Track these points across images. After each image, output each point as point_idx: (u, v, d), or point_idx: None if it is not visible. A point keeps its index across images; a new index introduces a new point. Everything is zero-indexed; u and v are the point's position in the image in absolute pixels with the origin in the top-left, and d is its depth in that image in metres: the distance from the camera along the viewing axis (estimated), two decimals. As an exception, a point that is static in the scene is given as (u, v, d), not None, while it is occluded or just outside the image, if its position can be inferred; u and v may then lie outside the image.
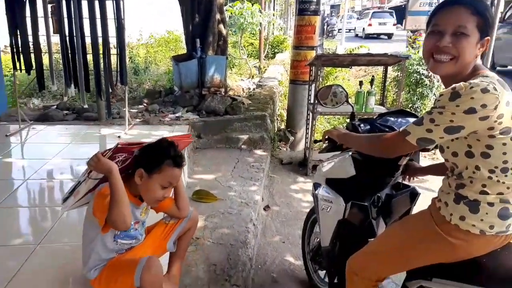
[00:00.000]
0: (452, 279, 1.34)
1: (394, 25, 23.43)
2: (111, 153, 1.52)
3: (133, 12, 11.69)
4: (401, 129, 1.34)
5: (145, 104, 5.12)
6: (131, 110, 4.96)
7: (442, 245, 1.32)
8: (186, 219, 1.84)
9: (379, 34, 23.34)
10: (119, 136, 3.98)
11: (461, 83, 1.18)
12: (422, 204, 1.62)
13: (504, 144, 1.21)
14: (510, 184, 1.24)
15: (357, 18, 29.76)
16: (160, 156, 1.55)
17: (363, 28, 24.24)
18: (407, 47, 8.14)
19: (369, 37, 23.06)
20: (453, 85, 1.20)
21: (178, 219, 1.83)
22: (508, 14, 7.81)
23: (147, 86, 7.37)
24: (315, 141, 2.03)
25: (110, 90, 4.06)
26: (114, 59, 4.20)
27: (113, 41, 4.02)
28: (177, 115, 4.63)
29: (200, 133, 4.33)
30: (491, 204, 1.25)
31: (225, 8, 8.96)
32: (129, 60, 9.38)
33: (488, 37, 1.28)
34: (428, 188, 3.76)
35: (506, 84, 1.23)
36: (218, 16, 5.28)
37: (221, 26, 5.36)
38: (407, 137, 1.28)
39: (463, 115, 1.17)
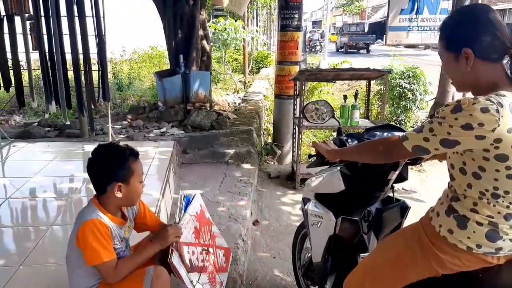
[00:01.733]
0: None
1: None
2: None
3: (115, 28, 11.66)
4: (400, 134, 1.33)
5: (129, 120, 5.06)
6: (115, 126, 4.89)
7: (430, 257, 1.31)
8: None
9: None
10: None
11: (467, 98, 1.17)
12: (412, 217, 1.62)
13: (497, 170, 1.18)
14: (501, 209, 1.22)
15: (337, 34, 30.93)
16: (124, 161, 1.56)
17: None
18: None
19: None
20: (460, 98, 1.20)
21: None
22: None
23: (131, 102, 7.30)
24: (309, 156, 2.02)
25: (92, 106, 3.99)
26: (96, 75, 4.15)
27: (95, 57, 3.97)
28: (162, 130, 4.59)
29: (186, 148, 4.29)
30: (479, 224, 1.23)
31: (208, 24, 9.06)
32: (112, 76, 9.32)
33: (466, 49, 1.23)
34: (417, 199, 3.81)
35: None
36: (201, 32, 5.31)
37: (205, 42, 5.38)
38: (404, 142, 1.27)
39: (460, 130, 1.15)
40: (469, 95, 1.29)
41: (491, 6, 1.33)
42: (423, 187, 4.11)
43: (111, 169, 1.54)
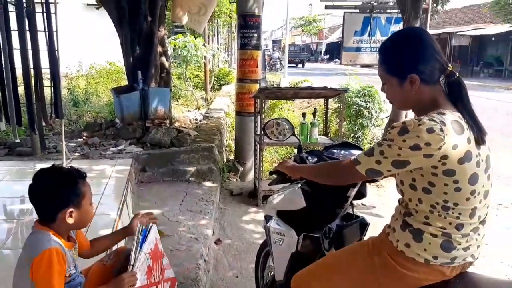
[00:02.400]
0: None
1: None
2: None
3: (71, 42, 11.34)
4: (352, 158, 1.36)
5: (84, 137, 4.86)
6: (69, 143, 4.68)
7: (387, 271, 1.33)
8: None
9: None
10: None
11: (412, 120, 1.23)
12: (372, 233, 1.65)
13: (446, 184, 1.23)
14: (452, 220, 1.26)
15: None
16: (74, 184, 1.49)
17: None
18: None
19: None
20: (405, 120, 1.25)
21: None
22: None
23: (88, 118, 7.05)
24: (271, 173, 2.03)
25: (44, 124, 3.81)
26: (48, 91, 3.97)
27: (47, 72, 3.81)
28: (119, 148, 4.44)
29: (145, 166, 4.17)
30: (434, 235, 1.27)
31: (168, 41, 9.01)
32: (67, 92, 8.99)
33: (413, 75, 1.29)
34: (376, 214, 3.90)
35: (464, 127, 1.23)
36: (160, 49, 5.26)
37: (164, 58, 5.33)
38: (357, 166, 1.31)
39: (409, 151, 1.20)
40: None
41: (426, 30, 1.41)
42: (381, 202, 4.23)
43: (61, 194, 1.45)
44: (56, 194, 1.45)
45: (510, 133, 8.33)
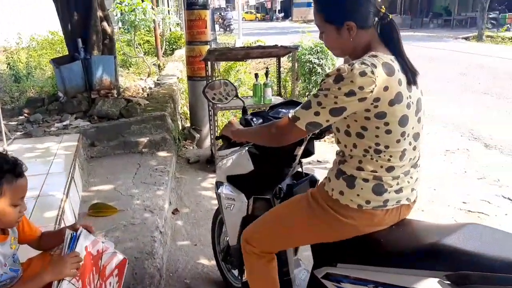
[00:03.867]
0: (354, 263, 1.37)
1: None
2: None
3: (8, 14, 10.42)
4: (290, 115, 1.32)
5: (25, 115, 4.54)
6: (10, 123, 4.36)
7: (327, 220, 1.37)
8: None
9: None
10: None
11: (345, 65, 1.22)
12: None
13: (377, 127, 1.25)
14: (383, 163, 1.30)
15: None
16: None
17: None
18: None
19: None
20: (338, 66, 1.24)
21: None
22: None
23: (32, 94, 6.58)
24: (217, 138, 1.97)
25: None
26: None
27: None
28: (64, 123, 4.18)
29: (93, 140, 3.96)
30: (365, 180, 1.31)
31: (113, 5, 8.44)
32: (7, 67, 8.33)
33: (349, 22, 1.28)
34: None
35: (394, 68, 1.25)
36: (100, 13, 4.86)
37: (105, 24, 4.95)
38: (296, 122, 1.29)
39: (344, 98, 1.20)
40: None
41: None
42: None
43: None
44: None
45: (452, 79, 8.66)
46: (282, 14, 43.46)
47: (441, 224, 1.40)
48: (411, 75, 1.28)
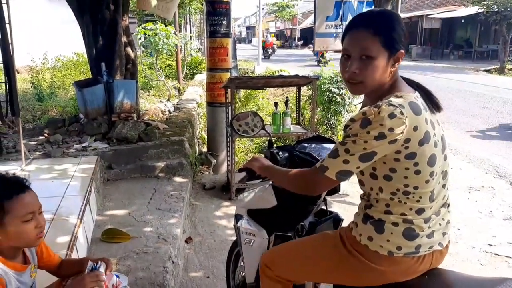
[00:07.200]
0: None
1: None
2: None
3: (35, 34, 10.79)
4: (317, 165, 1.27)
5: (46, 135, 4.59)
6: (30, 142, 4.41)
7: (354, 265, 1.30)
8: None
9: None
10: (14, 174, 3.46)
11: (371, 109, 1.16)
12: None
13: (407, 168, 1.20)
14: (412, 205, 1.24)
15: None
16: None
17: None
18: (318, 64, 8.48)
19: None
20: (363, 110, 1.18)
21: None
22: None
23: (53, 114, 6.71)
24: (240, 170, 1.92)
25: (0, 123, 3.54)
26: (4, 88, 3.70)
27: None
28: (83, 145, 4.20)
29: (111, 163, 3.95)
30: (395, 224, 1.24)
31: (137, 29, 8.66)
32: (31, 86, 8.57)
33: (401, 50, 1.23)
34: (350, 202, 3.84)
35: (421, 107, 1.21)
36: (124, 39, 4.98)
37: (129, 49, 5.06)
38: (326, 172, 1.24)
39: (374, 142, 1.15)
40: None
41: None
42: (355, 190, 4.17)
43: None
44: None
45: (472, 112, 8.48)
46: (302, 42, 44.10)
47: (477, 277, 1.30)
48: (435, 110, 1.26)
